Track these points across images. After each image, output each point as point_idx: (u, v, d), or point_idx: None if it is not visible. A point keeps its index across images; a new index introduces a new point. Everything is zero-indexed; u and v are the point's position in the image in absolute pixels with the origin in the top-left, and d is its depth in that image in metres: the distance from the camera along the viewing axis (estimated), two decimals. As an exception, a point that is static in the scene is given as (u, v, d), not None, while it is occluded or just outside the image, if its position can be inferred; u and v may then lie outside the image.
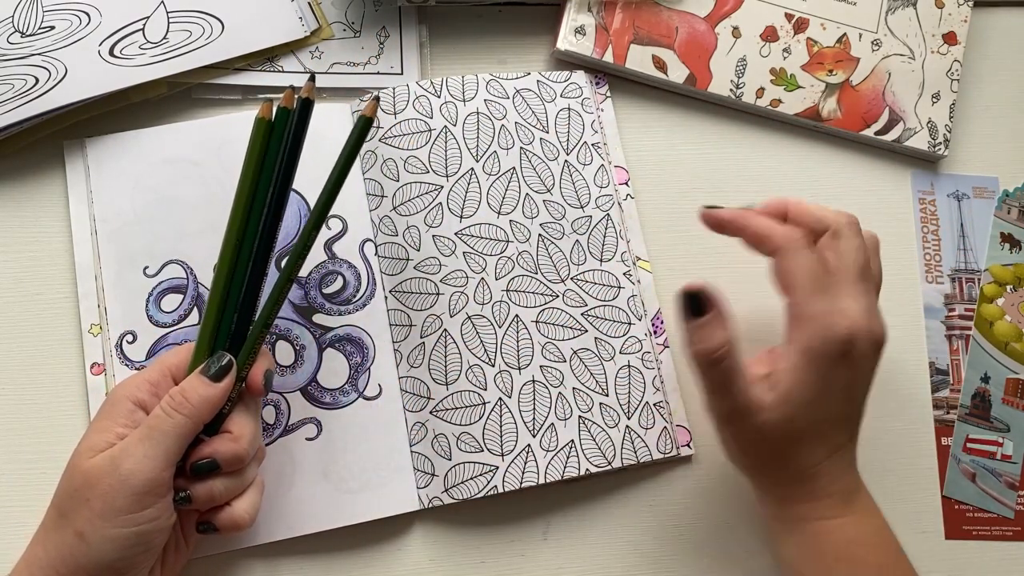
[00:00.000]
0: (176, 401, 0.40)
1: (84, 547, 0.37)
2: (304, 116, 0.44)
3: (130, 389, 0.41)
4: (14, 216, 0.52)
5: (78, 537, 0.37)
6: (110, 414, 0.41)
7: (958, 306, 0.58)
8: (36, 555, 0.39)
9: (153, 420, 0.39)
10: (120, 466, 0.38)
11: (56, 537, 0.38)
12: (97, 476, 0.38)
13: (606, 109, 0.57)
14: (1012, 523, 0.54)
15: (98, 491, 0.38)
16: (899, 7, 0.60)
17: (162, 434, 0.39)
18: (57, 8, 0.53)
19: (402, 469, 0.49)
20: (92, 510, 0.37)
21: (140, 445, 0.39)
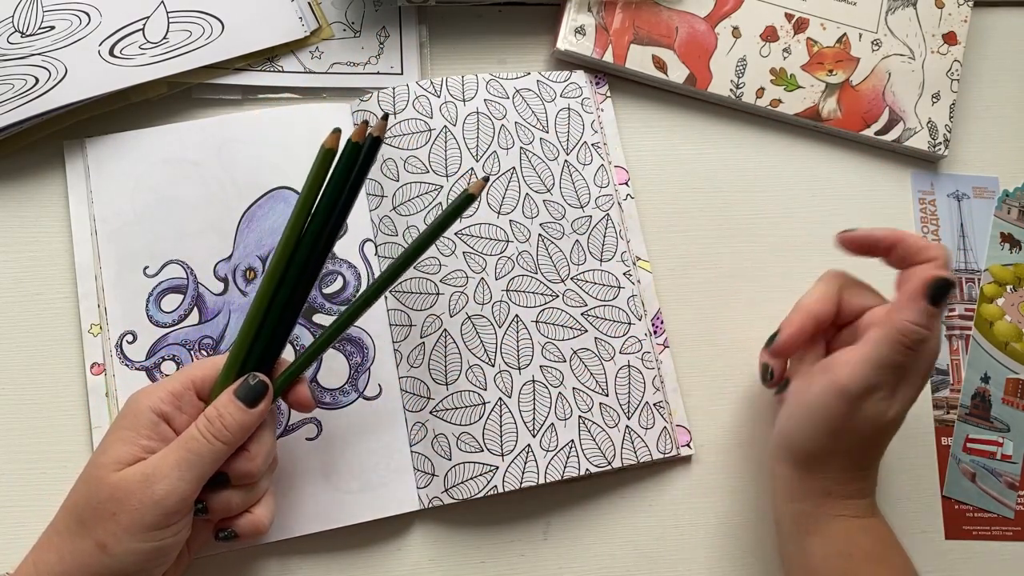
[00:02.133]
0: (215, 427, 0.40)
1: (106, 559, 0.38)
2: (372, 153, 0.42)
3: (153, 400, 0.41)
4: (14, 216, 0.52)
5: (100, 548, 0.38)
6: (133, 425, 0.40)
7: (958, 306, 0.58)
8: (48, 560, 0.39)
9: (191, 444, 0.39)
10: (153, 486, 0.38)
11: (73, 546, 0.38)
12: (126, 492, 0.38)
13: (606, 109, 0.57)
14: (1012, 523, 0.54)
15: (127, 507, 0.38)
16: (899, 7, 0.60)
17: (199, 458, 0.39)
18: (57, 8, 0.53)
19: (402, 469, 0.49)
20: (119, 524, 0.38)
21: (176, 468, 0.39)
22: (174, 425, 0.41)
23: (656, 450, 0.51)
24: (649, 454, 0.50)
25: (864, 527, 0.44)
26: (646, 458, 0.50)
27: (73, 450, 0.48)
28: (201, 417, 0.40)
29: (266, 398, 0.41)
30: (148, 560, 0.39)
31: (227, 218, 0.52)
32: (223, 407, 0.40)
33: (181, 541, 0.40)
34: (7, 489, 0.48)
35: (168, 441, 0.40)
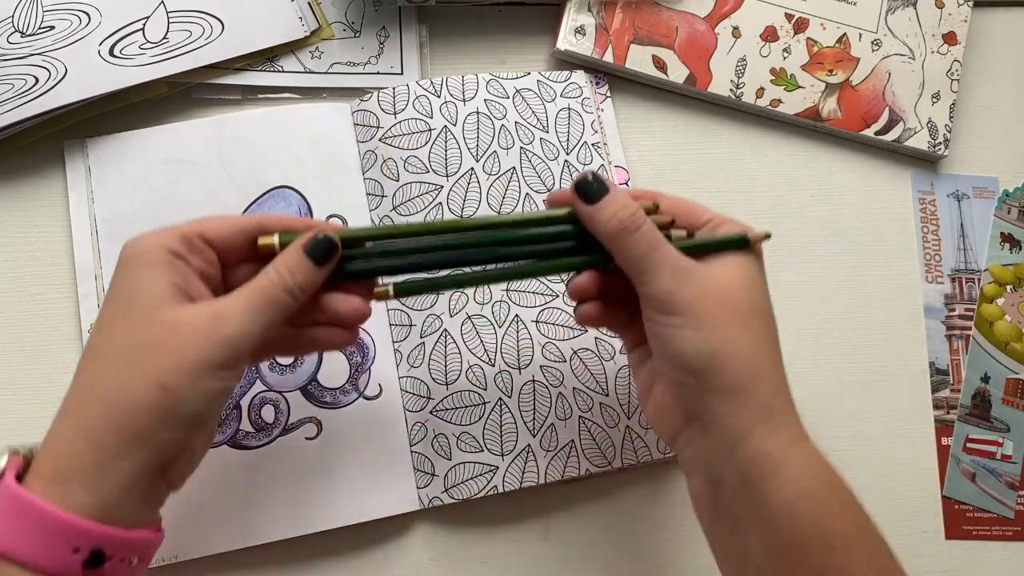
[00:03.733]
0: (286, 279, 0.37)
1: (168, 399, 0.34)
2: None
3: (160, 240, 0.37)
4: (14, 216, 0.52)
5: (160, 388, 0.34)
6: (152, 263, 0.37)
7: (958, 306, 0.58)
8: (94, 419, 0.35)
9: (264, 289, 0.37)
10: (224, 323, 0.36)
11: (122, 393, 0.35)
12: (192, 329, 0.35)
13: (606, 109, 0.57)
14: (1012, 523, 0.54)
15: (193, 343, 0.35)
16: (899, 7, 0.60)
17: (272, 303, 0.37)
18: (57, 8, 0.53)
19: (402, 469, 0.49)
20: (183, 361, 0.35)
21: (248, 310, 0.36)
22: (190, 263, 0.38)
23: (656, 450, 0.51)
24: (649, 454, 0.50)
25: (815, 455, 0.38)
26: (646, 458, 0.50)
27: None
28: (271, 267, 0.38)
29: (333, 258, 0.39)
30: (212, 401, 0.36)
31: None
32: (294, 262, 0.38)
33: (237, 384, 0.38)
34: (7, 489, 0.48)
35: (189, 278, 0.37)
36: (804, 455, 0.38)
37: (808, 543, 0.36)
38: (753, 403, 0.38)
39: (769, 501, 0.37)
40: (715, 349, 0.38)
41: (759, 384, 0.38)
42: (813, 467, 0.38)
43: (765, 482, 0.37)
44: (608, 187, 0.40)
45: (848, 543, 0.36)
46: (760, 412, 0.38)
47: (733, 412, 0.38)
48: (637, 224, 0.39)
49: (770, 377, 0.38)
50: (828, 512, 0.37)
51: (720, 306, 0.38)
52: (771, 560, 0.37)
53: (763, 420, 0.37)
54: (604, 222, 0.40)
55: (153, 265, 0.37)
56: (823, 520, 0.37)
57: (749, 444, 0.37)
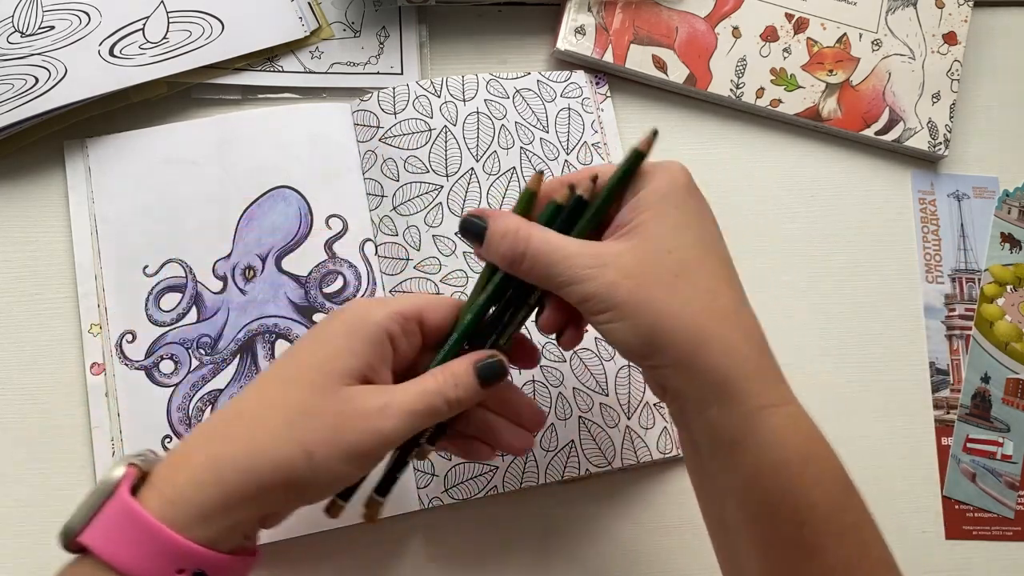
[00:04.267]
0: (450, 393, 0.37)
1: (307, 469, 0.34)
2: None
3: (383, 316, 0.38)
4: (14, 216, 0.52)
5: (306, 456, 0.34)
6: (363, 339, 0.37)
7: (958, 306, 0.57)
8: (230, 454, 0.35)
9: (428, 396, 0.37)
10: (387, 418, 0.36)
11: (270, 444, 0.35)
12: (361, 413, 0.35)
13: (606, 109, 0.57)
14: (1012, 523, 0.54)
15: (354, 426, 0.35)
16: (899, 7, 0.60)
17: (430, 411, 0.37)
18: (57, 8, 0.53)
19: (402, 469, 0.49)
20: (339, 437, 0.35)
21: (410, 413, 0.36)
22: (397, 348, 0.38)
23: (656, 450, 0.51)
24: (649, 454, 0.50)
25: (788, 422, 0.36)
26: (646, 458, 0.50)
27: (73, 450, 0.48)
28: (439, 372, 0.38)
29: (498, 383, 0.38)
30: (339, 484, 0.37)
31: (226, 217, 0.52)
32: (463, 376, 0.38)
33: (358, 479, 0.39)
34: (7, 489, 0.48)
35: (386, 362, 0.38)
36: (774, 423, 0.35)
37: (777, 513, 0.35)
38: (703, 373, 0.35)
39: (737, 468, 0.36)
40: (647, 331, 0.36)
41: (705, 352, 0.35)
42: (784, 436, 0.35)
43: (731, 450, 0.36)
44: (485, 223, 0.39)
45: (819, 519, 0.35)
46: (714, 381, 0.35)
47: (687, 385, 0.36)
48: (520, 251, 0.37)
49: (719, 340, 0.35)
50: (800, 484, 0.35)
51: (636, 285, 0.36)
52: (743, 521, 0.36)
53: (719, 389, 0.35)
54: (497, 260, 0.39)
55: (365, 341, 0.37)
56: (793, 493, 0.35)
57: (709, 414, 0.36)
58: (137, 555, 0.33)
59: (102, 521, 0.34)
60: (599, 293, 0.36)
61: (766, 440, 0.35)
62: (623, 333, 0.36)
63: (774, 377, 0.37)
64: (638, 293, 0.36)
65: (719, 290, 0.37)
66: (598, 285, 0.36)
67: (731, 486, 0.36)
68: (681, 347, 0.35)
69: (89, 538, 0.33)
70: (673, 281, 0.36)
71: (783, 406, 0.36)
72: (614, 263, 0.36)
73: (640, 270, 0.36)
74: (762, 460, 0.35)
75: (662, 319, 0.35)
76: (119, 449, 0.48)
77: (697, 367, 0.35)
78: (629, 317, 0.36)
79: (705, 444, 0.37)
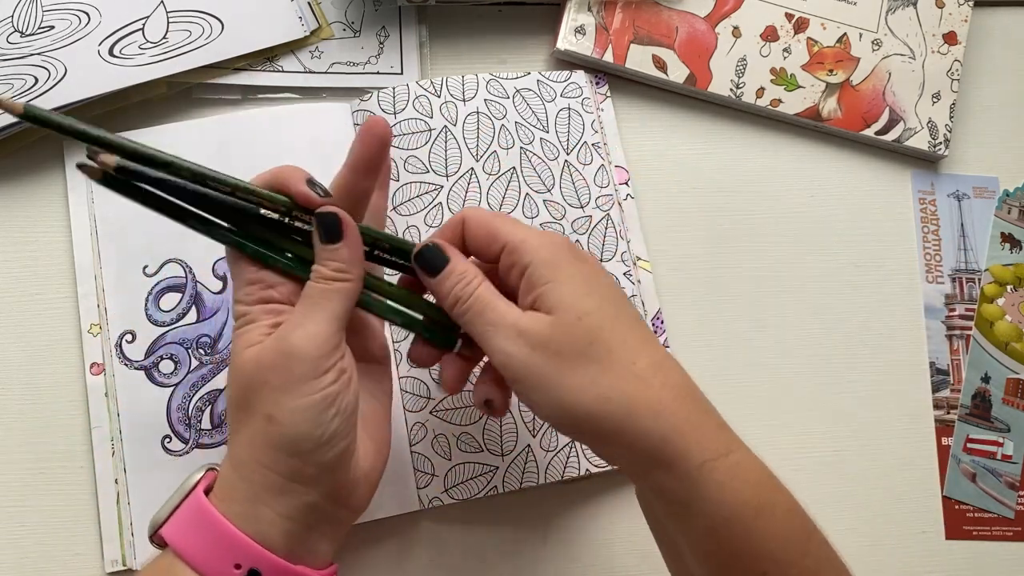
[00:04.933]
0: (323, 275, 0.37)
1: (275, 427, 0.35)
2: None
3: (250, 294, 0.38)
4: (14, 216, 0.52)
5: (267, 420, 0.35)
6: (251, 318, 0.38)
7: (958, 306, 0.57)
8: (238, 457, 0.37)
9: (309, 291, 0.37)
10: (288, 339, 0.36)
11: (246, 432, 0.36)
12: (270, 356, 0.36)
13: (606, 109, 0.57)
14: (1012, 523, 0.54)
15: (274, 369, 0.36)
16: (899, 7, 0.60)
17: (323, 299, 0.37)
18: (57, 8, 0.53)
19: (402, 469, 0.49)
20: (273, 388, 0.35)
21: (305, 316, 0.36)
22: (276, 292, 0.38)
23: (656, 450, 0.51)
24: (649, 454, 0.50)
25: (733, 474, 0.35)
26: (646, 458, 0.50)
27: (73, 450, 0.48)
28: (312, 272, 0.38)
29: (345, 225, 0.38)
30: (318, 414, 0.35)
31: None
32: (319, 257, 0.38)
33: (346, 390, 0.37)
34: (7, 489, 0.48)
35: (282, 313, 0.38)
36: (718, 478, 0.34)
37: (738, 564, 0.35)
38: (637, 441, 0.35)
39: (692, 527, 0.35)
40: (566, 405, 0.35)
41: (635, 419, 0.35)
42: (731, 490, 0.34)
43: (683, 510, 0.35)
44: (447, 261, 0.39)
45: (780, 566, 0.34)
46: (650, 447, 0.35)
47: (623, 455, 0.36)
48: (466, 295, 0.38)
49: (645, 404, 0.35)
50: (755, 536, 0.34)
51: (552, 355, 0.36)
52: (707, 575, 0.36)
53: (656, 454, 0.35)
54: (442, 296, 0.39)
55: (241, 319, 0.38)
56: (750, 544, 0.34)
57: (653, 478, 0.35)
58: (203, 548, 0.35)
59: (179, 517, 0.36)
60: (518, 357, 0.36)
61: (713, 497, 0.34)
62: (544, 406, 0.36)
63: (712, 427, 0.36)
64: (554, 364, 0.36)
65: (636, 352, 0.36)
66: (518, 348, 0.36)
67: (688, 545, 0.36)
68: (608, 418, 0.35)
69: (167, 532, 0.36)
70: (586, 349, 0.36)
71: (726, 456, 0.35)
72: (533, 331, 0.36)
73: (554, 340, 0.36)
74: (713, 518, 0.34)
75: (581, 392, 0.35)
76: (119, 449, 0.48)
77: (628, 436, 0.35)
78: (547, 389, 0.36)
79: (656, 505, 0.37)
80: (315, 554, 0.38)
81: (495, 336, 0.37)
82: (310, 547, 0.37)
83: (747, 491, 0.35)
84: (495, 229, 0.39)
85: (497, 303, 0.38)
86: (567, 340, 0.36)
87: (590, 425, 0.35)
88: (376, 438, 0.40)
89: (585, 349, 0.36)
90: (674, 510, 0.36)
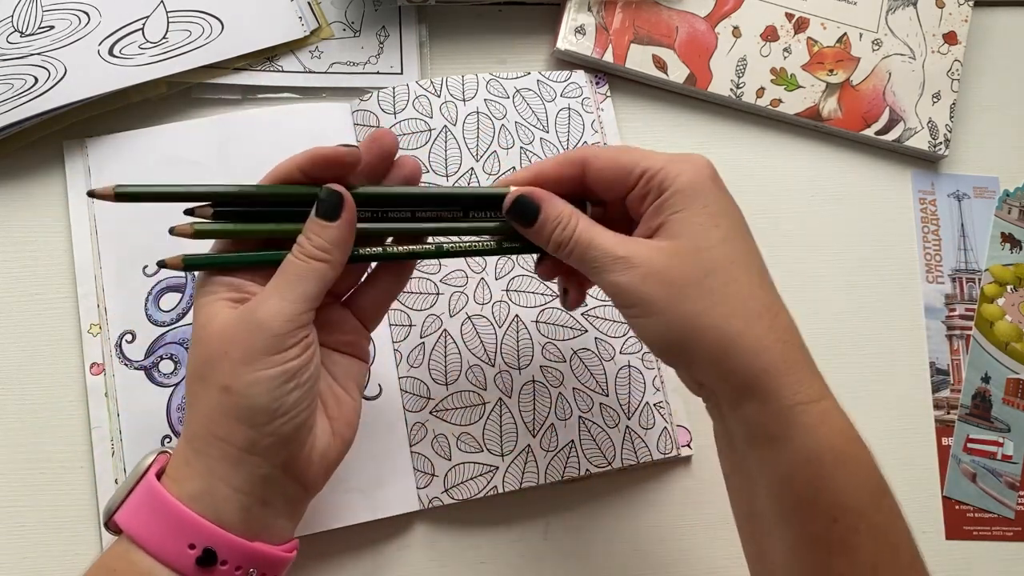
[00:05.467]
0: (305, 248, 0.37)
1: (232, 398, 0.35)
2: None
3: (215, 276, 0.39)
4: (14, 216, 0.52)
5: (224, 392, 0.35)
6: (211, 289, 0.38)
7: (958, 306, 0.57)
8: (192, 431, 0.37)
9: (286, 266, 0.37)
10: (255, 312, 0.36)
11: (203, 404, 0.36)
12: (234, 328, 0.36)
13: (606, 109, 0.57)
14: (1012, 523, 0.54)
15: (236, 341, 0.36)
16: (899, 7, 0.60)
17: (297, 277, 0.37)
18: (56, 8, 0.53)
19: (402, 469, 0.49)
20: (232, 360, 0.35)
21: (276, 292, 0.36)
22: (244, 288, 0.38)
23: (656, 450, 0.51)
24: (649, 454, 0.50)
25: (825, 418, 0.36)
26: (646, 458, 0.50)
27: (73, 450, 0.48)
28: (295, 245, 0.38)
29: (346, 207, 0.38)
30: (274, 387, 0.35)
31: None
32: (308, 228, 0.38)
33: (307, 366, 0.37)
34: (7, 489, 0.48)
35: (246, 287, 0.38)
36: (808, 421, 0.35)
37: (810, 508, 0.36)
38: (736, 372, 0.36)
39: (773, 463, 0.36)
40: (677, 331, 0.36)
41: (738, 351, 0.35)
42: (818, 434, 0.35)
43: (767, 445, 0.36)
44: (539, 205, 0.39)
45: (851, 516, 0.35)
46: (748, 379, 0.35)
47: (720, 382, 0.36)
48: (568, 236, 0.38)
49: (751, 339, 0.36)
50: (833, 481, 0.35)
51: (666, 284, 0.36)
52: (776, 515, 0.37)
53: (753, 386, 0.35)
54: (544, 242, 0.39)
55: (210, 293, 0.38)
56: (827, 489, 0.35)
57: (744, 410, 0.36)
58: (156, 531, 0.35)
59: (131, 501, 0.36)
60: (629, 287, 0.36)
61: (800, 437, 0.35)
62: (651, 330, 0.37)
63: (809, 373, 0.37)
64: (667, 291, 0.36)
65: (750, 288, 0.37)
66: (629, 279, 0.36)
67: (765, 480, 0.37)
68: (713, 347, 0.36)
69: (120, 518, 0.36)
70: (703, 280, 0.36)
71: (818, 402, 0.36)
72: (646, 260, 0.37)
73: (670, 269, 0.36)
74: (797, 457, 0.35)
75: (691, 319, 0.36)
76: (119, 449, 0.48)
77: (729, 366, 0.36)
78: (658, 313, 0.36)
79: (740, 439, 0.37)
80: (271, 530, 0.38)
81: (602, 271, 0.37)
82: (266, 523, 0.37)
83: (832, 438, 0.36)
84: (628, 161, 0.39)
85: (600, 239, 0.38)
86: (684, 270, 0.36)
87: (694, 352, 0.36)
88: (339, 423, 0.40)
89: (702, 279, 0.36)
90: (760, 444, 0.36)
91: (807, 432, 0.35)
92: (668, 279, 0.36)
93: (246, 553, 0.36)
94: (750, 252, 0.38)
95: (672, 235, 0.37)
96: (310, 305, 0.37)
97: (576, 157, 0.40)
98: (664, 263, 0.36)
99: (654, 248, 0.37)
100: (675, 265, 0.36)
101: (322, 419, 0.40)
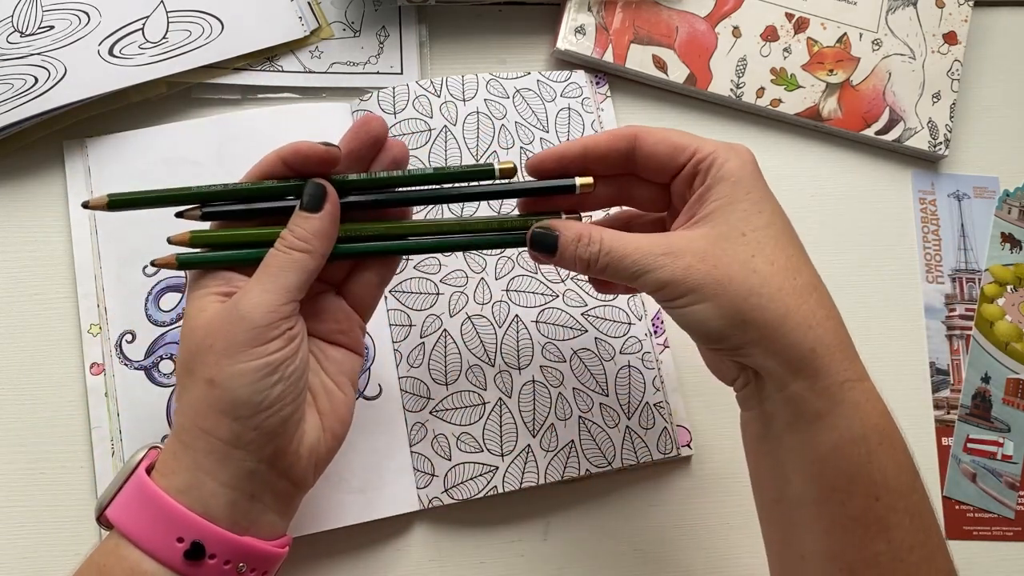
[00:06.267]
0: (288, 240, 0.38)
1: (216, 391, 0.36)
2: None
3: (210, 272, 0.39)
4: (14, 216, 0.52)
5: (209, 384, 0.36)
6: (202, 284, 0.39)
7: (958, 306, 0.57)
8: (180, 424, 0.37)
9: (269, 259, 0.38)
10: (239, 305, 0.36)
11: (190, 397, 0.37)
12: (218, 321, 0.36)
13: (606, 109, 0.57)
14: (1012, 523, 0.54)
15: (220, 333, 0.36)
16: (899, 7, 0.60)
17: (280, 270, 0.37)
18: (56, 8, 0.53)
19: (402, 469, 0.49)
20: (216, 352, 0.36)
21: (257, 284, 0.37)
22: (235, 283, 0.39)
23: (656, 450, 0.51)
24: (649, 454, 0.50)
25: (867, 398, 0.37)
26: (646, 458, 0.50)
27: (73, 450, 0.48)
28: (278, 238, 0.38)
29: (329, 199, 0.38)
30: (258, 379, 0.35)
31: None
32: (292, 221, 0.38)
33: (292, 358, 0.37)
34: (7, 489, 0.48)
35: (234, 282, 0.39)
36: (855, 398, 0.36)
37: (851, 488, 0.36)
38: (787, 349, 0.36)
39: (816, 442, 0.36)
40: (730, 310, 0.36)
41: (790, 327, 0.36)
42: (864, 412, 0.36)
43: (812, 423, 0.36)
44: (556, 233, 0.39)
45: (892, 495, 0.36)
46: (799, 356, 0.36)
47: (769, 360, 0.37)
48: (595, 251, 0.38)
49: (802, 316, 0.36)
50: (875, 461, 0.36)
51: (713, 267, 0.36)
52: (811, 499, 0.37)
53: (803, 363, 0.36)
54: (573, 265, 0.40)
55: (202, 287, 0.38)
56: (869, 468, 0.36)
57: (792, 388, 0.36)
58: (145, 525, 0.35)
59: (122, 496, 0.37)
60: (675, 278, 0.36)
61: (847, 414, 0.36)
62: (705, 314, 0.37)
63: (852, 353, 0.37)
64: (716, 274, 0.36)
65: (797, 268, 0.38)
66: (674, 270, 0.36)
67: (803, 462, 0.37)
68: (766, 324, 0.36)
69: (111, 513, 0.36)
70: (750, 261, 0.37)
71: (861, 381, 0.37)
72: (688, 248, 0.37)
73: (715, 253, 0.37)
74: (843, 434, 0.36)
75: (744, 297, 0.36)
76: (119, 449, 0.48)
77: (781, 342, 0.36)
78: (710, 298, 0.36)
79: (783, 419, 0.37)
80: (260, 525, 0.38)
81: (645, 272, 0.37)
82: (254, 518, 0.37)
83: (876, 417, 0.36)
84: (680, 142, 0.40)
85: (630, 246, 0.38)
86: (730, 253, 0.37)
87: (747, 332, 0.36)
88: (330, 418, 0.40)
89: (748, 260, 0.37)
90: (803, 424, 0.36)
91: (854, 409, 0.36)
92: (714, 263, 0.36)
93: (235, 547, 0.36)
94: (792, 236, 0.39)
95: (716, 223, 0.38)
96: (292, 296, 0.37)
97: (627, 132, 0.41)
98: (708, 249, 0.37)
99: (695, 237, 0.38)
100: (721, 249, 0.37)
101: (312, 414, 0.39)
